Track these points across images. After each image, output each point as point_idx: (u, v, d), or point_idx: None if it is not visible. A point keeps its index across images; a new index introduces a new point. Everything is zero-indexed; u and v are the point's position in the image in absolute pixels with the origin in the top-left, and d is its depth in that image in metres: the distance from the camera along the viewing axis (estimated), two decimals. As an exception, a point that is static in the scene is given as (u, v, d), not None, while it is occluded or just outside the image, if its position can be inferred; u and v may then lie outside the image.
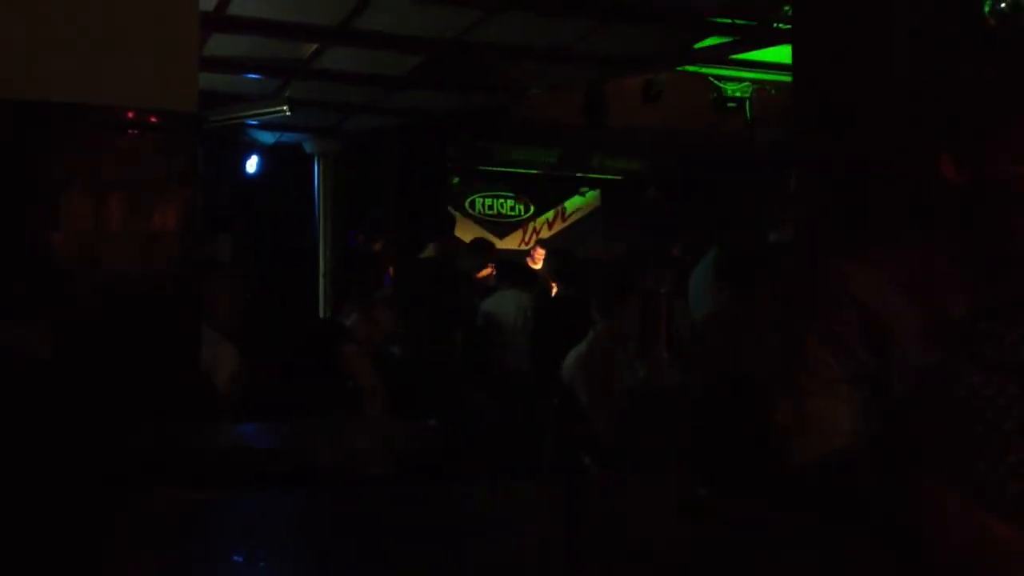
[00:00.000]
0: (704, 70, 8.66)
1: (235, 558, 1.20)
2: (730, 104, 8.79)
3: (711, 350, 4.16)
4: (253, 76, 7.69)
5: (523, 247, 12.52)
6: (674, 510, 1.16)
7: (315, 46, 6.94)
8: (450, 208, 11.37)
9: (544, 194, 12.80)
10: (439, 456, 2.80)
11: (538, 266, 8.99)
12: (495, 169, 12.13)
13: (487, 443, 5.76)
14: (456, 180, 11.72)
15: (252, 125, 9.16)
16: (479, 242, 8.46)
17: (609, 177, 12.64)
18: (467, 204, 12.63)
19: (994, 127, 1.33)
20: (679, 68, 8.27)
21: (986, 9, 2.71)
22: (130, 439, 2.55)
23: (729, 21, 6.58)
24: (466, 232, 12.39)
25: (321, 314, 9.58)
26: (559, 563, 1.17)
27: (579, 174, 12.62)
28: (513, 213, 13.01)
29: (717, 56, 7.52)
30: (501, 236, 12.76)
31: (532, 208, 12.98)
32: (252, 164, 10.26)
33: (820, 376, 1.43)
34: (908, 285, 1.43)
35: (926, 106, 1.50)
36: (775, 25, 6.64)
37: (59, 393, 2.89)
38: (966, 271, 1.41)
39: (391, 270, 7.91)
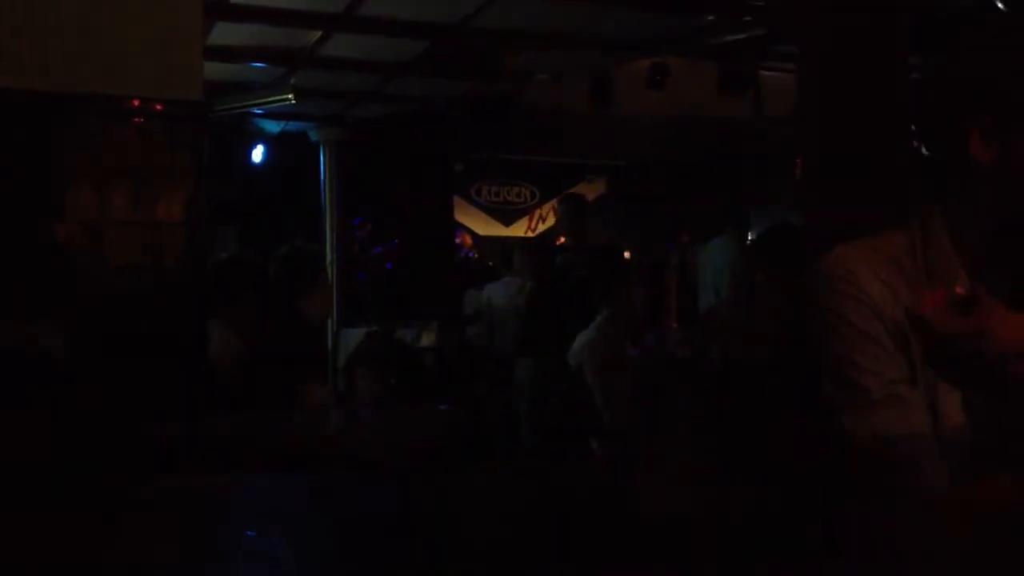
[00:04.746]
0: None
1: (247, 533, 1.21)
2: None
3: (738, 331, 4.15)
4: (257, 64, 7.68)
5: (529, 234, 12.50)
6: (688, 485, 1.15)
7: (319, 33, 6.93)
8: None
9: (550, 181, 12.78)
10: (448, 442, 2.80)
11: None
12: (501, 156, 12.11)
13: (494, 429, 5.77)
14: (461, 167, 11.70)
15: (257, 114, 9.16)
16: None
17: (615, 163, 12.61)
18: (473, 191, 12.62)
19: None
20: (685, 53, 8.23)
21: None
22: (143, 429, 2.56)
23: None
24: (472, 219, 12.39)
25: (334, 305, 9.55)
26: (571, 544, 1.17)
27: (584, 161, 12.59)
28: (519, 200, 12.99)
29: (723, 40, 7.48)
30: (507, 224, 12.75)
31: (538, 195, 12.96)
32: (257, 153, 10.26)
33: (876, 382, 1.36)
34: (912, 276, 1.40)
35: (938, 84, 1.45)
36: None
37: (68, 384, 2.90)
38: (972, 253, 1.39)
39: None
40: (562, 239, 6.50)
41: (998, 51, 1.37)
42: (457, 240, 11.33)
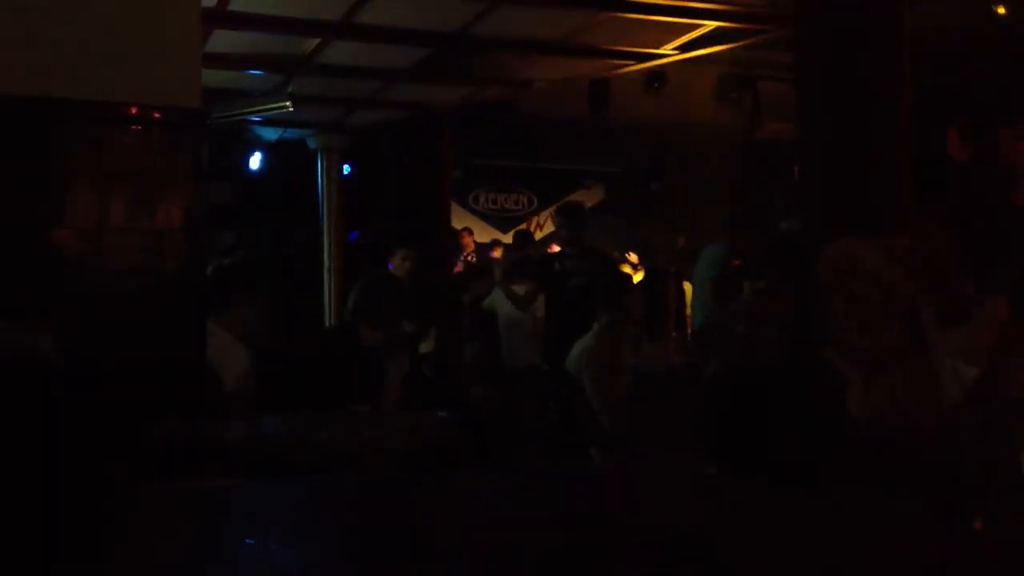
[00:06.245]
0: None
1: (247, 541, 1.21)
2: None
3: (739, 338, 4.16)
4: (255, 72, 7.69)
5: (527, 241, 12.50)
6: (687, 491, 1.15)
7: (317, 41, 6.94)
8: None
9: (548, 188, 12.78)
10: (448, 448, 2.80)
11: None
12: (498, 163, 12.11)
13: (494, 435, 5.77)
14: (459, 174, 11.70)
15: (255, 121, 9.16)
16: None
17: (612, 170, 12.61)
18: (471, 198, 12.62)
19: (998, 105, 1.38)
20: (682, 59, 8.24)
21: None
22: (143, 431, 2.56)
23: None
24: (470, 226, 12.38)
25: (327, 309, 9.58)
26: (571, 548, 1.17)
27: (582, 167, 12.59)
28: (517, 207, 13.00)
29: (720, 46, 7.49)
30: (505, 230, 12.75)
31: (535, 202, 12.97)
32: (255, 161, 10.26)
33: (879, 344, 1.42)
34: (916, 265, 1.45)
35: (932, 87, 1.53)
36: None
37: (63, 390, 2.89)
38: (969, 248, 1.44)
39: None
40: (556, 247, 6.50)
41: (976, 60, 1.45)
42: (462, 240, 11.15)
